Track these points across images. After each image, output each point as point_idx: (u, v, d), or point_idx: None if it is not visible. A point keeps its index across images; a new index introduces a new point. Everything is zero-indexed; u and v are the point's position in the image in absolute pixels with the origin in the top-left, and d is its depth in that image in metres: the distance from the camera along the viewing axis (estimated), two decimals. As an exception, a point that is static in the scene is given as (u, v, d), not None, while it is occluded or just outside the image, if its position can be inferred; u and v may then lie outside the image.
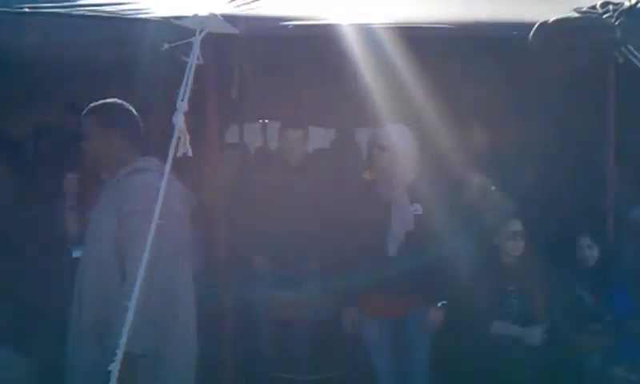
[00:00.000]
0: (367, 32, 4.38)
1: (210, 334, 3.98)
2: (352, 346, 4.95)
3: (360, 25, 4.41)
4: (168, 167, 3.28)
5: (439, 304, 4.37)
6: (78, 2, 4.44)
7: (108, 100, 3.62)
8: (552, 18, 4.49)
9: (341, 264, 4.50)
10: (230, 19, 4.24)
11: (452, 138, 5.04)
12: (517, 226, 4.84)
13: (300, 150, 5.66)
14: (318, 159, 6.68)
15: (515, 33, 4.54)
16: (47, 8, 4.33)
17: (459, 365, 4.62)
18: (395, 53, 4.41)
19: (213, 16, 4.12)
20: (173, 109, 3.49)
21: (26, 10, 4.27)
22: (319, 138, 7.91)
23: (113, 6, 4.42)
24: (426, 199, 4.35)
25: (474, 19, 4.65)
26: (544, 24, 4.48)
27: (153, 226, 3.08)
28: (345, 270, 4.45)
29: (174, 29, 4.15)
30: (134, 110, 3.64)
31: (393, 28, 4.38)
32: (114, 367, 2.88)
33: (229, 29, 4.20)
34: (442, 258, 4.30)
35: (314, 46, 4.53)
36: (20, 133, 6.26)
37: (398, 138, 4.42)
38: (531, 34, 4.47)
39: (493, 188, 5.04)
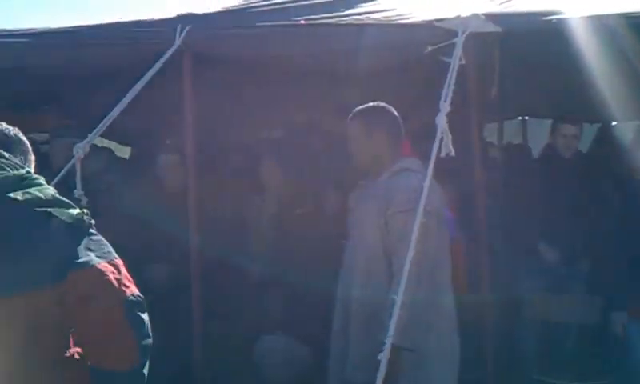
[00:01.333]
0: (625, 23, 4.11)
1: (473, 329, 4.03)
2: (620, 351, 4.73)
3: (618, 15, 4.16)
4: (431, 168, 3.38)
5: None
6: (345, 13, 4.69)
7: (372, 103, 3.78)
8: None
9: (607, 265, 4.32)
10: (492, 18, 4.21)
11: None
12: None
13: (574, 146, 5.55)
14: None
15: None
16: (319, 19, 4.62)
17: None
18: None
19: (475, 16, 4.14)
20: (435, 109, 3.59)
21: (302, 22, 4.60)
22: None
23: (378, 14, 4.61)
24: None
25: None
26: None
27: (416, 226, 3.21)
28: (612, 272, 4.28)
29: (437, 31, 4.23)
30: (395, 113, 3.77)
31: None
32: (383, 357, 3.06)
33: (491, 27, 4.15)
34: None
35: (573, 39, 4.36)
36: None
37: None
38: None
39: None
